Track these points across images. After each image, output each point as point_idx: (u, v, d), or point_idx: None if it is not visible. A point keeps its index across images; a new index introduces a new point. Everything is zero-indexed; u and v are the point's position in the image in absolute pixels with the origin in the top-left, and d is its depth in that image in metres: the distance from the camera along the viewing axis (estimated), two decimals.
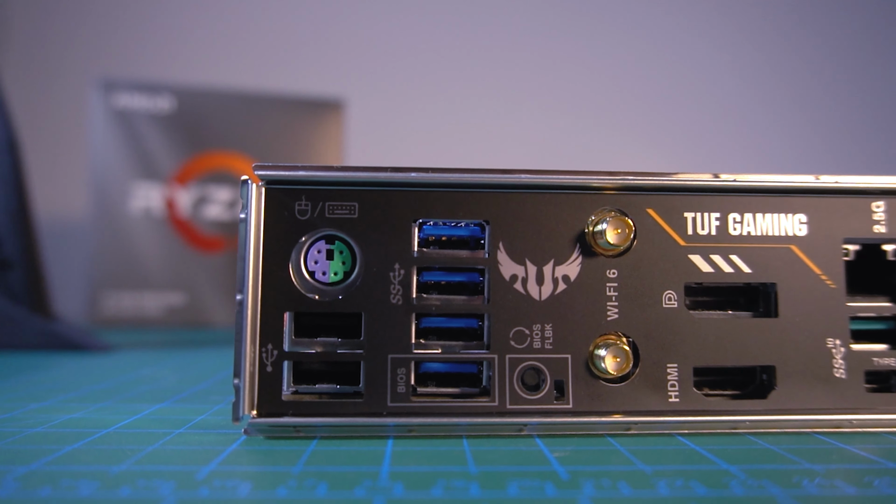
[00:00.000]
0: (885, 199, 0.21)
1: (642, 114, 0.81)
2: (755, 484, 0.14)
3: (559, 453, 0.17)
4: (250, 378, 0.19)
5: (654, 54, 0.82)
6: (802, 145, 0.83)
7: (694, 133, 0.82)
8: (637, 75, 0.81)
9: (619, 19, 0.81)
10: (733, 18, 0.84)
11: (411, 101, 0.76)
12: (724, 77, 0.83)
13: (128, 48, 0.73)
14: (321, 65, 0.76)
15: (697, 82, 0.83)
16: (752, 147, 0.83)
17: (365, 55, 0.77)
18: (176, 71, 0.72)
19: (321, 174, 0.19)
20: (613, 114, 0.80)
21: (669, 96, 0.82)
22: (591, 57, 0.80)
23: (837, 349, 0.20)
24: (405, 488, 0.14)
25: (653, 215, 0.20)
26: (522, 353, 0.19)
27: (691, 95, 0.82)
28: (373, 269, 0.19)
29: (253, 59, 0.75)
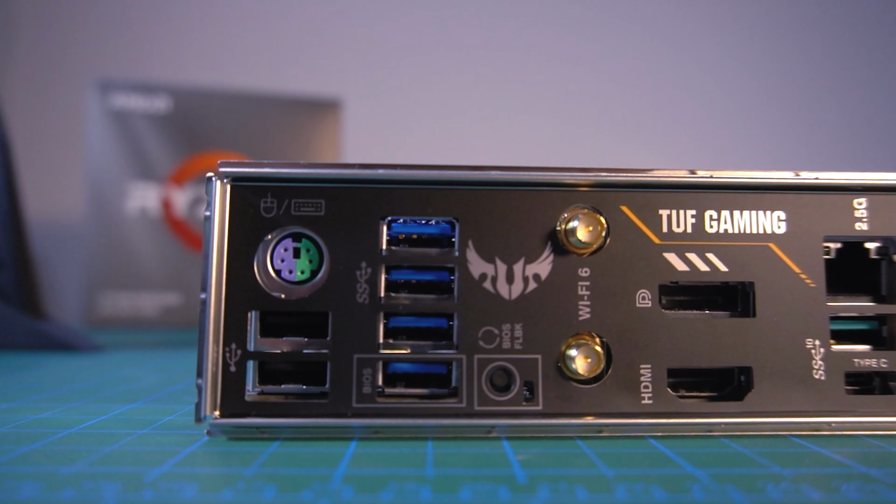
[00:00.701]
0: (867, 196, 0.20)
1: (641, 112, 0.80)
2: (717, 489, 0.14)
3: (523, 456, 0.17)
4: (212, 378, 0.18)
5: (652, 52, 0.81)
6: (807, 143, 0.82)
7: (696, 131, 0.81)
8: (637, 73, 0.81)
9: (618, 16, 0.80)
10: (737, 16, 0.83)
11: (409, 101, 0.76)
12: (729, 74, 0.82)
13: (124, 48, 0.73)
14: (318, 64, 0.75)
15: (700, 80, 0.82)
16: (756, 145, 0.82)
17: (362, 55, 0.76)
18: (172, 71, 0.72)
19: (287, 171, 0.19)
20: (614, 112, 0.79)
21: (667, 94, 0.81)
22: (589, 55, 0.80)
23: (817, 350, 0.19)
24: (355, 492, 0.14)
25: (627, 212, 0.20)
26: (491, 353, 0.19)
27: (693, 93, 0.81)
28: (339, 268, 0.19)
29: (249, 59, 0.75)
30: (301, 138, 0.61)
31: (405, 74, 0.76)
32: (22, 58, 0.74)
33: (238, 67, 0.74)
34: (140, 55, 0.73)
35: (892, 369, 0.20)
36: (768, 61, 0.83)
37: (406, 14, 0.78)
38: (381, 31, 0.77)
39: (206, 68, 0.73)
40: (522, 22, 0.79)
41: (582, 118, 0.78)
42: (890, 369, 0.20)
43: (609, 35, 0.80)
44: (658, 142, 0.79)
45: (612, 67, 0.80)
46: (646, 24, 0.81)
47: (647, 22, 0.81)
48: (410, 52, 0.77)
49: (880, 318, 0.20)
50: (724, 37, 0.82)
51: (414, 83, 0.77)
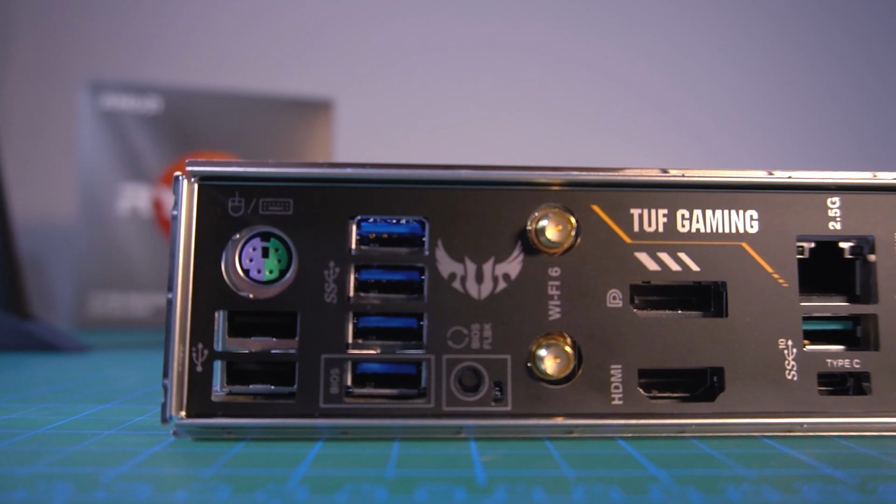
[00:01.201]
0: (841, 195, 0.20)
1: (638, 111, 0.80)
2: (677, 490, 0.14)
3: (487, 457, 0.16)
4: (178, 378, 0.18)
5: (647, 49, 0.81)
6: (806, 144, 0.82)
7: (694, 130, 0.81)
8: (632, 71, 0.81)
9: (613, 13, 0.80)
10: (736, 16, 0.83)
11: (401, 101, 0.76)
12: (727, 74, 0.82)
13: (115, 49, 0.73)
14: (310, 65, 0.75)
15: (696, 79, 0.82)
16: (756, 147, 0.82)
17: (354, 55, 0.76)
18: (163, 72, 0.72)
19: (255, 170, 0.19)
20: (609, 112, 0.79)
21: (663, 93, 0.81)
22: (583, 55, 0.80)
23: (789, 350, 0.19)
24: (310, 493, 0.14)
25: (597, 212, 0.19)
26: (460, 353, 0.19)
27: (688, 92, 0.81)
28: (307, 267, 0.19)
29: (241, 59, 0.75)
30: (293, 139, 0.61)
31: (397, 75, 0.76)
32: (13, 59, 0.74)
33: (229, 68, 0.73)
34: (131, 56, 0.73)
35: (866, 370, 0.19)
36: (767, 59, 0.82)
37: (399, 15, 0.78)
38: (373, 31, 0.77)
39: (197, 69, 0.73)
40: (515, 22, 0.79)
41: (577, 117, 0.78)
42: (863, 370, 0.19)
43: (604, 33, 0.80)
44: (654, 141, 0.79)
45: (608, 66, 0.80)
46: (639, 20, 0.81)
47: (641, 18, 0.81)
48: (403, 53, 0.77)
49: (854, 319, 0.20)
50: (724, 35, 0.82)
51: (407, 83, 0.76)
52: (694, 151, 0.81)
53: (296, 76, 0.74)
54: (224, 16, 0.76)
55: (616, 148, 0.77)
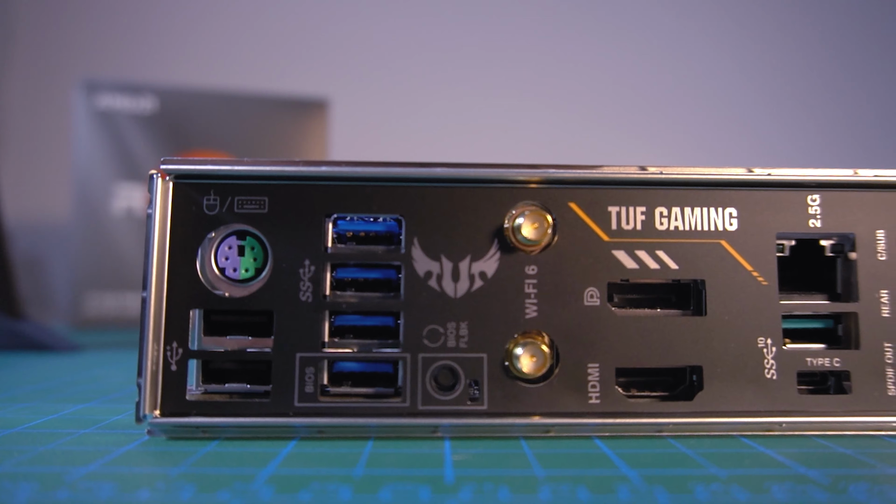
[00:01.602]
0: (821, 193, 0.20)
1: (635, 108, 0.80)
2: (645, 489, 0.14)
3: (459, 456, 0.16)
4: (152, 377, 0.18)
5: (646, 46, 0.81)
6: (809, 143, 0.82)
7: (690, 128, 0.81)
8: (631, 69, 0.80)
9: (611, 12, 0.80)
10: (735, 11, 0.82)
11: (397, 101, 0.76)
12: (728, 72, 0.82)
13: (110, 49, 0.73)
14: (305, 64, 0.75)
15: (693, 76, 0.81)
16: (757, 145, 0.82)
17: (350, 54, 0.76)
18: (158, 71, 0.72)
19: (230, 168, 0.19)
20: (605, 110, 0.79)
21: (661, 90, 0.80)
22: (580, 53, 0.79)
23: (769, 349, 0.19)
24: (275, 492, 0.13)
25: (575, 209, 0.19)
26: (436, 352, 0.19)
27: (687, 90, 0.81)
28: (282, 266, 0.19)
29: (236, 58, 0.75)
30: (288, 138, 0.61)
31: (393, 74, 0.76)
32: (7, 58, 0.74)
33: (225, 67, 0.73)
34: (126, 55, 0.73)
35: (846, 368, 0.19)
36: (768, 56, 0.82)
37: (395, 13, 0.78)
38: (369, 30, 0.77)
39: (192, 69, 0.73)
40: (512, 20, 0.79)
41: (574, 116, 0.77)
42: (843, 368, 0.19)
43: (602, 31, 0.80)
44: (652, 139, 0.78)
45: (605, 64, 0.80)
46: (636, 16, 0.81)
47: (638, 14, 0.81)
48: (399, 52, 0.77)
49: (835, 317, 0.20)
50: (725, 33, 0.82)
51: (402, 83, 0.76)
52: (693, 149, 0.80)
53: (291, 76, 0.74)
54: (219, 16, 0.76)
55: (614, 146, 0.77)
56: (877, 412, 0.19)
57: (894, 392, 0.19)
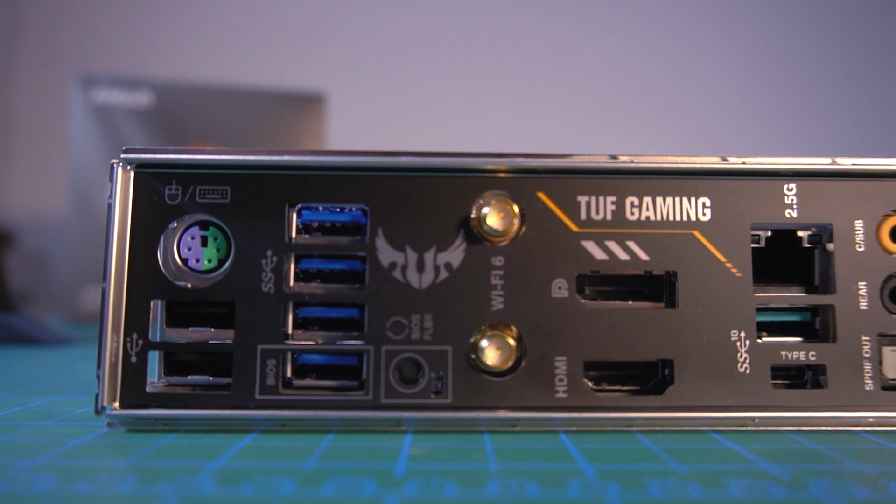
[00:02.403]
0: (798, 182, 0.19)
1: (633, 101, 0.79)
2: (597, 485, 0.13)
3: (416, 450, 0.16)
4: (111, 369, 0.18)
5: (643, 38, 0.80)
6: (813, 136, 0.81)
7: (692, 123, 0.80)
8: (628, 62, 0.80)
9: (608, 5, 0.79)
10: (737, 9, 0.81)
11: (394, 95, 0.75)
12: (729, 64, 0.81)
13: (107, 43, 0.74)
14: (302, 58, 0.75)
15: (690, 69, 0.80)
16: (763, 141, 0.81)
17: (347, 48, 0.76)
18: (155, 66, 0.72)
19: (191, 157, 0.19)
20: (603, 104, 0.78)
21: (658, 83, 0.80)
22: (577, 46, 0.79)
23: (742, 342, 0.19)
24: (217, 484, 0.13)
25: (543, 199, 0.19)
26: (400, 344, 0.18)
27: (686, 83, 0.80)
28: (244, 256, 0.19)
29: (232, 53, 0.74)
30: (285, 133, 0.61)
31: (391, 68, 0.76)
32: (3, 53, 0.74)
33: (221, 62, 0.73)
34: (122, 50, 0.73)
35: (822, 362, 0.19)
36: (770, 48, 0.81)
37: (392, 7, 0.77)
38: (366, 25, 0.77)
39: (189, 63, 0.72)
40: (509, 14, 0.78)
41: (572, 110, 0.77)
42: (819, 362, 0.19)
43: (600, 23, 0.79)
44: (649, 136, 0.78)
45: (603, 57, 0.79)
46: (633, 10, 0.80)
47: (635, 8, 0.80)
48: (396, 46, 0.77)
49: (813, 310, 0.20)
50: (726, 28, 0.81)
51: (400, 77, 0.76)
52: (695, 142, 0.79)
53: (288, 70, 0.74)
54: (216, 10, 0.76)
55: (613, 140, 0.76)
56: (853, 407, 0.18)
57: (872, 387, 0.19)
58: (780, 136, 0.79)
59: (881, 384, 0.19)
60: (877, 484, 0.13)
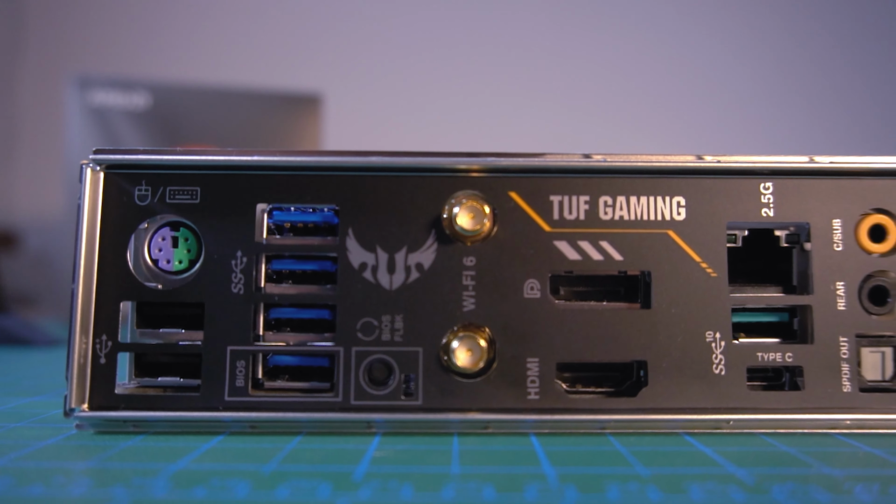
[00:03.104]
0: (774, 180, 0.19)
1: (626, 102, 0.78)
2: (555, 488, 0.13)
3: (381, 452, 0.16)
4: (79, 371, 0.18)
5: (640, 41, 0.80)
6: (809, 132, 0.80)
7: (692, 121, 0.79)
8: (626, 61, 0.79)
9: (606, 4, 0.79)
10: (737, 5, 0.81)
11: (391, 96, 0.75)
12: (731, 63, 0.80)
13: (103, 45, 0.74)
14: (299, 60, 0.75)
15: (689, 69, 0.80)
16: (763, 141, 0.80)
17: (343, 49, 0.76)
18: (151, 67, 0.72)
19: (161, 158, 0.19)
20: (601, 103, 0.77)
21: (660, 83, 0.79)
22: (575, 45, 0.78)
23: (717, 343, 0.18)
24: (171, 487, 0.13)
25: (515, 199, 0.19)
26: (370, 345, 0.18)
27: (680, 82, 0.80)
28: (214, 257, 0.18)
29: (229, 54, 0.75)
30: (281, 134, 0.61)
31: (387, 69, 0.76)
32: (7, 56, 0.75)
33: (217, 63, 0.73)
34: (119, 51, 0.73)
35: (799, 364, 0.18)
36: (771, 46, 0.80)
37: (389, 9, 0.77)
38: (363, 26, 0.77)
39: (185, 65, 0.73)
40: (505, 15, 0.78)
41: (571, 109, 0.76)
42: (796, 364, 0.18)
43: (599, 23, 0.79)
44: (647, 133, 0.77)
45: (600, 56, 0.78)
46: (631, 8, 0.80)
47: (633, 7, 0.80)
48: (393, 48, 0.76)
49: (791, 311, 0.19)
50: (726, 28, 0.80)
51: (396, 78, 0.76)
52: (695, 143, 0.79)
53: (285, 71, 0.74)
54: (213, 11, 0.76)
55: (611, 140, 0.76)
56: (830, 409, 0.18)
57: (849, 388, 0.18)
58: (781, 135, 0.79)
59: (859, 386, 0.18)
60: (841, 488, 0.13)
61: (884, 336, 0.19)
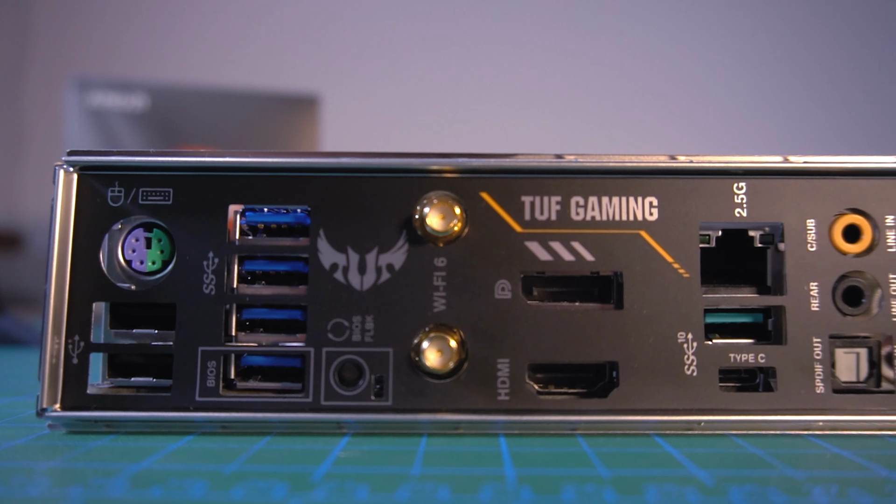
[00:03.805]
0: (748, 180, 0.19)
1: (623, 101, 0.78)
2: (511, 490, 0.13)
3: (345, 453, 0.16)
4: (52, 371, 0.18)
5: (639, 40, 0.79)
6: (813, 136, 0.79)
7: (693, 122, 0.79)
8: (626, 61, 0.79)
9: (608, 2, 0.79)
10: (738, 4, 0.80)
11: (389, 97, 0.75)
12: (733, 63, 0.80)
13: (102, 47, 0.74)
14: (297, 61, 0.75)
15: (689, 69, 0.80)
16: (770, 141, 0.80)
17: (341, 50, 0.76)
18: (149, 69, 0.73)
19: (133, 159, 0.19)
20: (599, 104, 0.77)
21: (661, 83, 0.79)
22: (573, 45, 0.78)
23: (689, 344, 0.18)
24: (129, 487, 0.13)
25: (487, 199, 0.19)
26: (341, 346, 0.18)
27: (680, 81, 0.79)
28: (186, 258, 0.19)
29: (227, 56, 0.75)
30: (279, 135, 0.61)
31: (385, 70, 0.76)
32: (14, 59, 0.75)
33: (216, 65, 0.74)
34: (117, 53, 0.74)
35: (772, 365, 0.18)
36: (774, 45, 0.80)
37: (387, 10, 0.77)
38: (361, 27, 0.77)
39: (183, 66, 0.73)
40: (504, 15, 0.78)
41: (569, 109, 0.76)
42: (769, 365, 0.18)
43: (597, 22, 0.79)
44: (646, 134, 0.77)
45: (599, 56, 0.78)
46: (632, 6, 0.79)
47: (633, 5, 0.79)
48: (391, 48, 0.77)
49: (766, 311, 0.19)
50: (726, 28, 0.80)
51: (394, 79, 0.76)
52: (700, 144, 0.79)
53: (282, 72, 0.74)
54: (211, 13, 0.76)
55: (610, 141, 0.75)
56: (803, 411, 0.18)
57: (823, 390, 0.18)
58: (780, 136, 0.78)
59: (832, 387, 0.18)
60: (800, 490, 0.13)
61: (858, 337, 0.19)
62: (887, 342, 0.18)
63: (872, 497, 0.13)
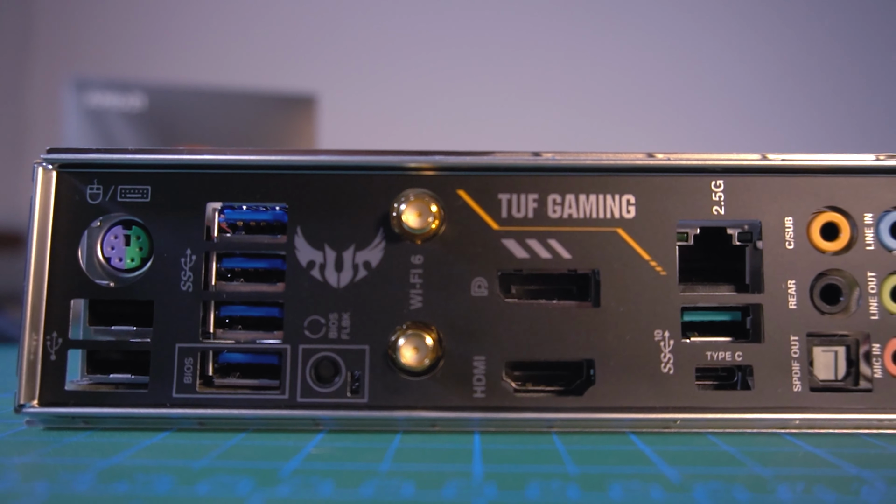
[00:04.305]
0: (725, 178, 0.19)
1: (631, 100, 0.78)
2: (476, 486, 0.13)
3: (317, 450, 0.16)
4: (29, 367, 0.18)
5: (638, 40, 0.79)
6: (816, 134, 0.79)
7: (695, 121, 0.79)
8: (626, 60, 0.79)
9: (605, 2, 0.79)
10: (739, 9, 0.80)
11: (386, 96, 0.75)
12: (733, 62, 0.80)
13: (100, 47, 0.75)
14: (294, 60, 0.75)
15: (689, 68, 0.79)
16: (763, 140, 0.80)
17: (339, 50, 0.76)
18: (147, 69, 0.73)
19: (112, 157, 0.19)
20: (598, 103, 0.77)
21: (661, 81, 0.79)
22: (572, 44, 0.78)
23: (666, 342, 0.18)
24: (94, 482, 0.13)
25: (464, 197, 0.19)
26: (317, 343, 0.18)
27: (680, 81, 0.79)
28: (164, 255, 0.19)
29: (224, 56, 0.75)
30: (276, 135, 0.61)
31: (382, 70, 0.76)
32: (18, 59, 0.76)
33: (213, 65, 0.74)
34: (115, 53, 0.74)
35: (749, 363, 0.18)
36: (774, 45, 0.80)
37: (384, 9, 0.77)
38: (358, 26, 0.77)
39: (181, 66, 0.73)
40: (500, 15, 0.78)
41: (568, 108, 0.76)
42: (746, 363, 0.18)
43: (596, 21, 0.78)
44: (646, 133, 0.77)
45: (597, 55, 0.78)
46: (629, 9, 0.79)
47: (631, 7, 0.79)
48: (388, 48, 0.77)
49: (744, 309, 0.19)
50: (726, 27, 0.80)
51: (392, 79, 0.76)
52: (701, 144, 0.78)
53: (280, 72, 0.74)
54: (209, 13, 0.76)
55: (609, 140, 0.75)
56: (780, 409, 0.18)
57: (800, 388, 0.18)
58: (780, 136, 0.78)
59: (810, 385, 0.18)
60: (765, 488, 0.13)
61: (836, 335, 0.19)
62: (865, 340, 0.18)
63: (836, 494, 0.12)
